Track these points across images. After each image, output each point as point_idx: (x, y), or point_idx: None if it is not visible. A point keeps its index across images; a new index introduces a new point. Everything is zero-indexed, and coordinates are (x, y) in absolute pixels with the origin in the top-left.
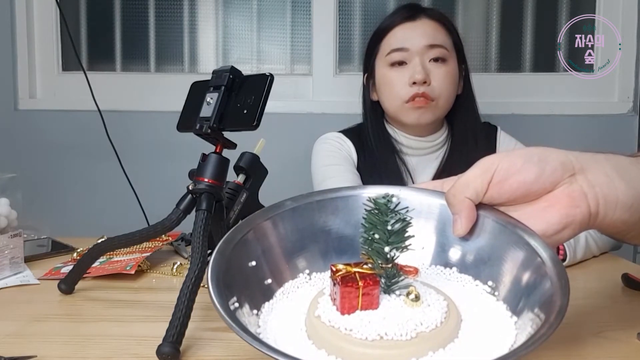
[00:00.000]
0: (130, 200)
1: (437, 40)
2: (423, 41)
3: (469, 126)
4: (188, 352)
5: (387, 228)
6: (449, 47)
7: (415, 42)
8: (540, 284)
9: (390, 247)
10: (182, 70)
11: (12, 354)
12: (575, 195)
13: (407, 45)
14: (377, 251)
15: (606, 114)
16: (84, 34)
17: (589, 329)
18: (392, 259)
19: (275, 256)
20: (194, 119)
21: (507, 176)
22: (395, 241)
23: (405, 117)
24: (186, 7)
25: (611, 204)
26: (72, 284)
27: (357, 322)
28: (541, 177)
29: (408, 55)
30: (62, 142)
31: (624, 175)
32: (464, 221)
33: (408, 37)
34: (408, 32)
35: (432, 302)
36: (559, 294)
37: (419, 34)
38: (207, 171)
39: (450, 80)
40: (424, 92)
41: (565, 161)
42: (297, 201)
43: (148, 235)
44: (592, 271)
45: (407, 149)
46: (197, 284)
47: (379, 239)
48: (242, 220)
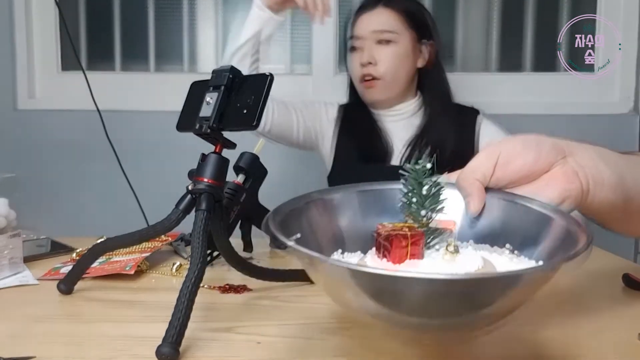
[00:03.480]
0: (130, 200)
1: (385, 25)
2: (372, 27)
3: (437, 96)
4: (187, 352)
5: (423, 192)
6: (400, 30)
7: (365, 30)
8: (557, 234)
9: (426, 210)
10: (181, 70)
11: (12, 354)
12: (569, 173)
13: (360, 32)
14: (413, 210)
15: (606, 114)
16: (83, 33)
17: (589, 329)
18: (429, 217)
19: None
20: (193, 119)
21: (510, 159)
22: (430, 204)
23: (363, 95)
24: (186, 7)
25: (599, 184)
26: (72, 284)
27: (407, 268)
28: (539, 159)
29: (360, 40)
30: (62, 142)
31: (607, 161)
32: (476, 201)
33: (361, 27)
34: (363, 21)
35: (468, 254)
36: (579, 230)
37: (370, 22)
38: (207, 171)
39: (396, 59)
40: (369, 72)
41: (557, 145)
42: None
43: (148, 236)
44: (592, 271)
45: (381, 116)
46: (197, 284)
47: (415, 202)
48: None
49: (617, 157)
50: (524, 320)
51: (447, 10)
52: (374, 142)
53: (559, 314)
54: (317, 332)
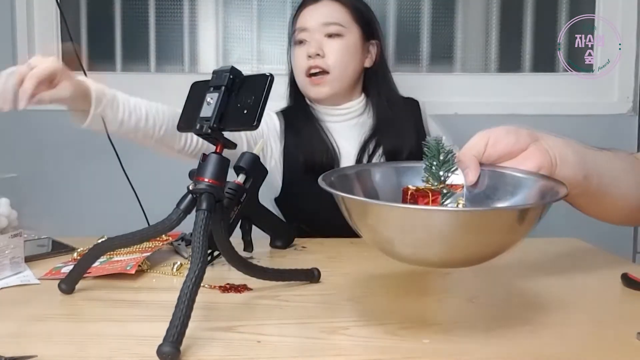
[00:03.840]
0: (130, 200)
1: (333, 18)
2: (320, 19)
3: (383, 95)
4: (188, 351)
5: (440, 158)
6: (347, 24)
7: (313, 21)
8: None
9: (443, 170)
10: (182, 70)
11: (12, 353)
12: (541, 150)
13: (306, 24)
14: (433, 174)
15: (606, 114)
16: (84, 34)
17: (589, 329)
18: (444, 179)
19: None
20: (194, 119)
21: (497, 140)
22: (446, 166)
23: (307, 92)
24: (186, 7)
25: (564, 161)
26: (73, 284)
27: None
28: (518, 140)
29: (308, 33)
30: (63, 141)
31: (571, 146)
32: (473, 171)
33: (308, 19)
34: (309, 13)
35: None
36: (556, 184)
37: (318, 14)
38: (207, 171)
39: (345, 53)
40: (317, 64)
41: (531, 132)
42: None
43: (148, 235)
44: (592, 271)
45: (327, 116)
46: (198, 284)
47: (435, 165)
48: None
49: (581, 146)
50: (524, 320)
51: (447, 11)
52: (319, 147)
53: (559, 314)
54: (317, 332)
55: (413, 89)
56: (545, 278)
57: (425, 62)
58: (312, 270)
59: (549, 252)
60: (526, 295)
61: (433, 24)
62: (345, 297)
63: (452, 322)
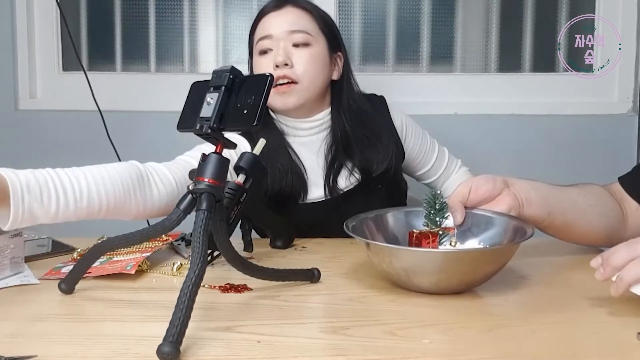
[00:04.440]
0: None
1: (299, 26)
2: (285, 27)
3: (351, 107)
4: (188, 351)
5: (436, 207)
6: (314, 33)
7: (278, 28)
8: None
9: (439, 216)
10: (182, 71)
11: (12, 353)
12: (511, 194)
13: (271, 32)
14: (431, 219)
15: (606, 114)
16: (84, 34)
17: (589, 329)
18: (440, 224)
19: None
20: (194, 119)
21: (478, 188)
22: (440, 214)
23: (273, 103)
24: (186, 7)
25: (529, 202)
26: (73, 284)
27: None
28: (495, 187)
29: (273, 42)
30: (63, 142)
31: (536, 188)
32: (459, 214)
33: (272, 25)
34: (273, 20)
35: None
36: (523, 224)
37: (282, 21)
38: (208, 171)
39: (314, 62)
40: (285, 74)
41: (504, 179)
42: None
43: (148, 235)
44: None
45: (292, 130)
46: (198, 284)
47: (432, 213)
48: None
49: (547, 187)
50: (524, 320)
51: (447, 11)
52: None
53: (559, 314)
54: (317, 332)
55: (413, 89)
56: (545, 278)
57: (425, 62)
58: (312, 270)
59: (549, 252)
60: (526, 295)
61: (433, 24)
62: (345, 297)
63: (452, 322)
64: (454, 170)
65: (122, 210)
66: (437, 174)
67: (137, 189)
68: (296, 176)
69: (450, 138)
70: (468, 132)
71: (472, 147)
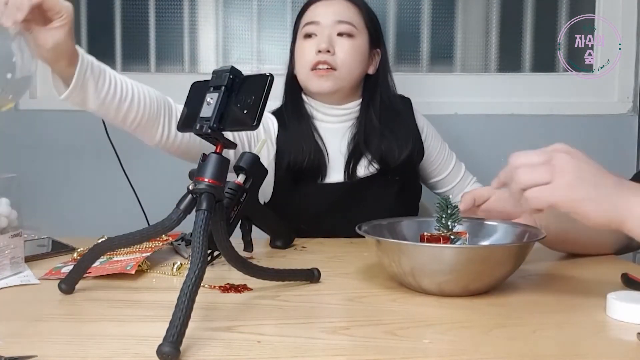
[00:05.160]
0: (130, 200)
1: (345, 17)
2: (332, 17)
3: (382, 103)
4: (188, 351)
5: (448, 212)
6: (358, 26)
7: (325, 17)
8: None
9: (450, 221)
10: (182, 70)
11: (12, 354)
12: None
13: (318, 19)
14: (443, 224)
15: (606, 114)
16: (84, 34)
17: (588, 329)
18: (452, 228)
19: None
20: (194, 119)
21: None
22: (452, 218)
23: (310, 85)
24: (186, 7)
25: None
26: (73, 284)
27: None
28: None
29: (319, 28)
30: (63, 142)
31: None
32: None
33: (320, 13)
34: (321, 9)
35: None
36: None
37: (330, 11)
38: (207, 171)
39: (355, 54)
40: (326, 59)
41: None
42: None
43: (148, 235)
44: (592, 271)
45: (321, 115)
46: (198, 284)
47: (444, 217)
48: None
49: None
50: (524, 320)
51: (447, 11)
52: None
53: (558, 314)
54: (317, 332)
55: (413, 89)
56: (545, 278)
57: (425, 62)
58: (312, 270)
59: (549, 252)
60: (526, 295)
61: (433, 24)
62: (345, 297)
63: (452, 322)
64: (468, 184)
65: (151, 128)
66: (452, 184)
67: (167, 115)
68: (318, 156)
69: (450, 138)
70: (468, 132)
71: (472, 147)
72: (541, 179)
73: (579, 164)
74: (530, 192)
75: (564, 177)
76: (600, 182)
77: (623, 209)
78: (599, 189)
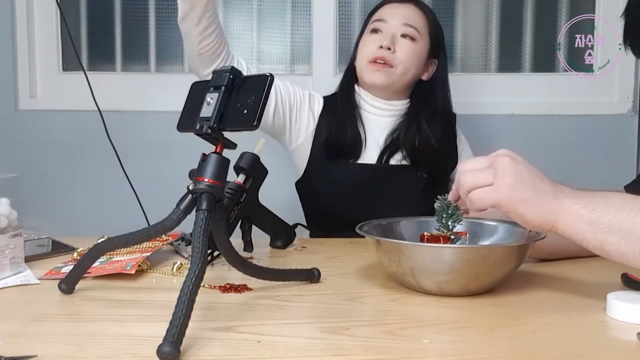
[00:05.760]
0: (130, 200)
1: (412, 21)
2: (400, 19)
3: (429, 107)
4: (188, 351)
5: (448, 212)
6: (422, 32)
7: (394, 18)
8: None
9: (450, 221)
10: (182, 70)
11: (12, 353)
12: None
13: (387, 18)
14: (444, 224)
15: (606, 114)
16: (84, 34)
17: (588, 329)
18: (452, 228)
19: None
20: (194, 119)
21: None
22: (453, 218)
23: (365, 76)
24: None
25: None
26: (73, 284)
27: None
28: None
29: (386, 26)
30: (63, 142)
31: None
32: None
33: (390, 13)
34: (392, 9)
35: None
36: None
37: (399, 13)
38: (208, 171)
39: (413, 56)
40: (385, 56)
41: None
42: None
43: (148, 235)
44: (592, 271)
45: (367, 105)
46: (198, 284)
47: (444, 217)
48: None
49: None
50: (524, 320)
51: (446, 10)
52: (347, 128)
53: (558, 314)
54: (317, 332)
55: None
56: (545, 278)
57: None
58: (312, 270)
59: None
60: (526, 295)
61: None
62: (345, 297)
63: (452, 322)
64: None
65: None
66: None
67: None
68: (356, 138)
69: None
70: (468, 132)
71: (472, 147)
72: (484, 180)
73: (519, 167)
74: (473, 193)
75: (505, 179)
76: (538, 185)
77: (557, 212)
78: (536, 191)
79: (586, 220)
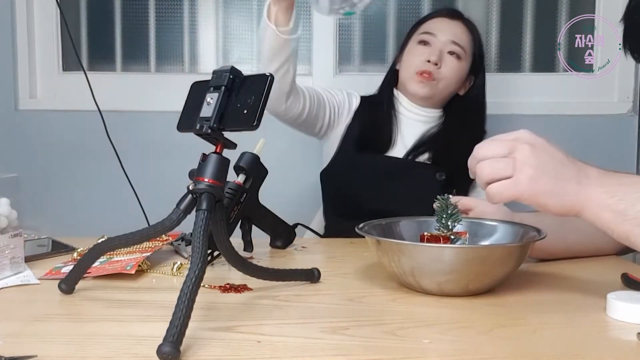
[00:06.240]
0: (130, 200)
1: (460, 40)
2: (449, 36)
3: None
4: (188, 351)
5: (448, 212)
6: (467, 51)
7: (443, 33)
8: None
9: (450, 221)
10: (182, 70)
11: (12, 354)
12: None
13: (436, 32)
14: (444, 224)
15: (606, 114)
16: (84, 34)
17: (588, 329)
18: (452, 228)
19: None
20: (194, 119)
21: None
22: (452, 218)
23: (409, 86)
24: (186, 7)
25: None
26: (73, 284)
27: None
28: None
29: (435, 40)
30: (63, 142)
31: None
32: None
33: (440, 28)
34: (442, 24)
35: None
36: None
37: (449, 29)
38: (208, 171)
39: (456, 73)
40: (432, 70)
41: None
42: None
43: (148, 235)
44: (592, 271)
45: (402, 109)
46: (198, 284)
47: (444, 217)
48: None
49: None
50: (524, 320)
51: None
52: (381, 125)
53: (558, 314)
54: (317, 332)
55: None
56: (545, 278)
57: None
58: (312, 270)
59: None
60: (526, 295)
61: None
62: (345, 297)
63: (452, 322)
64: None
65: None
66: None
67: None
68: (388, 136)
69: None
70: None
71: None
72: (503, 172)
73: (541, 156)
74: (492, 187)
75: (525, 171)
76: (560, 173)
77: (582, 201)
78: (559, 180)
79: (613, 210)
